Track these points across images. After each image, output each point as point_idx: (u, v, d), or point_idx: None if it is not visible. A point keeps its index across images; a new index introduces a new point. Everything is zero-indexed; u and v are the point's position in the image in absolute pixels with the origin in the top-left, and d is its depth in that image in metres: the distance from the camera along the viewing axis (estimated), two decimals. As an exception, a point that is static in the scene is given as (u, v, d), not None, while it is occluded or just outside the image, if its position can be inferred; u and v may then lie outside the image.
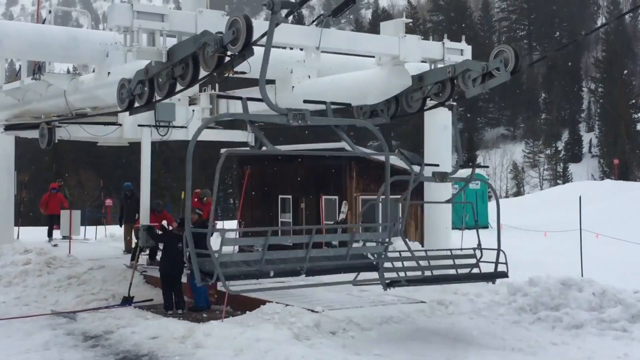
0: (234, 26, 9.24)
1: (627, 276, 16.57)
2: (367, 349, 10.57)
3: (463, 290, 14.61)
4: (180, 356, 10.32)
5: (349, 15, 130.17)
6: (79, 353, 10.79)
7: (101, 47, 13.14)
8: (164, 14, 10.16)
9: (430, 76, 12.29)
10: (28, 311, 13.97)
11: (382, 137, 9.90)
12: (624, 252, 21.77)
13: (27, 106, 16.96)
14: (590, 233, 22.02)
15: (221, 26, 9.64)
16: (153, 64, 10.50)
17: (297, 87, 13.51)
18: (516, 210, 39.92)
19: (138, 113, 12.04)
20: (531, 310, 12.56)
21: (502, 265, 11.79)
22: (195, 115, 17.38)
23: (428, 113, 16.17)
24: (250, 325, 11.52)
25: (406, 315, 12.53)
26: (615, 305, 11.95)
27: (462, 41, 13.14)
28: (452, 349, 10.62)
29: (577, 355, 10.27)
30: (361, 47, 12.45)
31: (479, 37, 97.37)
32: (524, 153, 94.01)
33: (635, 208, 34.05)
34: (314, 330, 11.36)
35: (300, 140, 47.03)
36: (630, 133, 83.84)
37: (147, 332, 11.73)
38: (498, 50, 11.27)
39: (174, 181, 60.78)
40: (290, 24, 12.79)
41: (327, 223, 18.98)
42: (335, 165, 19.43)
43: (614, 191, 41.43)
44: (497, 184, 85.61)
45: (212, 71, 9.68)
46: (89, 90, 14.25)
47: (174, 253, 13.95)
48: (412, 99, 12.55)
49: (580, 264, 15.44)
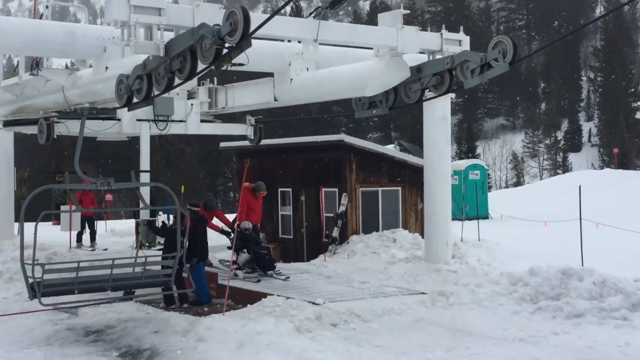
0: (231, 18, 9.22)
1: (627, 265, 16.58)
2: (368, 340, 10.60)
3: (464, 281, 14.64)
4: (182, 350, 10.35)
5: (347, 7, 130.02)
6: (81, 348, 10.81)
7: (99, 42, 13.10)
8: (161, 8, 10.12)
9: (429, 67, 12.26)
10: (29, 307, 13.98)
11: (172, 193, 11.95)
12: (624, 241, 21.78)
13: (26, 102, 16.93)
14: (591, 222, 22.02)
15: (218, 19, 9.62)
16: (151, 59, 10.47)
17: (295, 79, 13.49)
18: (516, 200, 39.95)
19: (137, 108, 12.03)
20: (532, 300, 12.59)
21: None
22: (193, 109, 17.35)
23: (427, 104, 16.17)
24: (251, 319, 11.54)
25: (407, 306, 12.56)
26: (616, 294, 11.97)
27: (461, 32, 13.11)
28: (453, 339, 10.64)
29: (577, 344, 10.29)
30: (359, 39, 12.42)
31: (478, 27, 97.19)
32: (524, 143, 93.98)
33: (635, 197, 34.06)
34: (315, 322, 11.39)
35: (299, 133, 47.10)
36: (630, 122, 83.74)
37: (149, 326, 11.76)
38: (496, 41, 11.24)
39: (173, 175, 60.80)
40: (288, 17, 12.76)
41: (328, 215, 19.00)
42: (335, 157, 19.43)
43: (614, 180, 41.41)
44: (497, 174, 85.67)
45: (210, 64, 9.65)
46: (87, 86, 14.21)
47: (175, 247, 13.96)
48: (411, 90, 12.53)
49: (581, 253, 15.46)
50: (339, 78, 12.76)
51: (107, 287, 11.69)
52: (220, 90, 17.17)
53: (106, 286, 11.66)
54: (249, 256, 15.98)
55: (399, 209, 19.95)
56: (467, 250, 17.46)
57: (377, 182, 19.73)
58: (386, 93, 12.84)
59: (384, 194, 19.77)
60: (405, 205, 20.05)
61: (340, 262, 17.52)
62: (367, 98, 13.29)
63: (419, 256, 17.19)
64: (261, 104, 15.36)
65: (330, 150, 19.74)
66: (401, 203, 20.00)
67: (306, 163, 20.42)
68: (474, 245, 18.53)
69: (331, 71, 13.02)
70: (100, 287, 11.79)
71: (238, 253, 15.87)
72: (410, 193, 20.12)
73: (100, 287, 11.79)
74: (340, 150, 19.35)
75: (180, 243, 11.98)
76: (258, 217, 16.80)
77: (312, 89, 13.55)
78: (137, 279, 12.03)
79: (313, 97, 14.34)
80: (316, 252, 18.79)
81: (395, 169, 20.02)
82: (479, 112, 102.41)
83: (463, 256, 17.00)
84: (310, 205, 19.86)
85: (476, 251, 17.60)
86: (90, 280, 11.79)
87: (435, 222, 16.80)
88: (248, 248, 15.93)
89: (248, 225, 15.92)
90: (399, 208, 19.95)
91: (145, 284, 12.41)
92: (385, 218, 19.65)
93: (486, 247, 18.48)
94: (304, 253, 19.81)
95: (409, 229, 19.59)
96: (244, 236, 15.80)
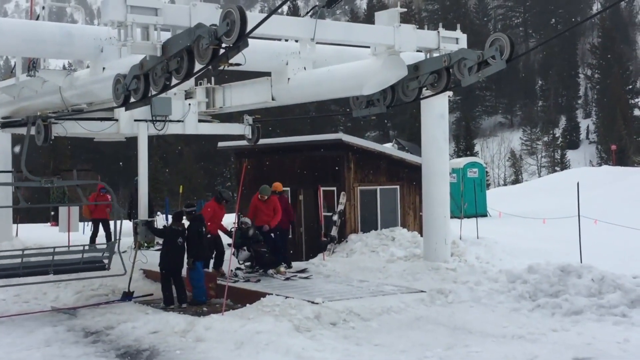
0: (228, 18, 9.21)
1: (625, 261, 16.59)
2: (367, 339, 10.59)
3: (462, 279, 14.64)
4: (181, 350, 10.34)
5: (344, 6, 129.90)
6: (80, 349, 10.79)
7: (95, 43, 13.09)
8: (157, 8, 10.11)
9: (426, 65, 12.25)
10: (28, 308, 13.98)
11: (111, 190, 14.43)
12: (622, 237, 21.79)
13: (23, 103, 16.91)
14: (589, 219, 22.04)
15: (215, 19, 9.61)
16: (148, 59, 10.47)
17: (292, 78, 13.49)
18: (515, 198, 39.97)
19: (134, 108, 12.02)
20: (531, 297, 12.59)
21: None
22: (191, 108, 17.34)
23: (425, 102, 16.16)
24: (250, 318, 11.54)
25: (406, 304, 12.55)
26: (614, 290, 11.97)
27: (458, 30, 13.11)
28: (452, 337, 10.64)
29: (577, 341, 10.29)
30: (356, 38, 12.41)
31: (475, 25, 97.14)
32: (522, 140, 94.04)
33: (633, 193, 34.06)
34: (314, 321, 11.38)
35: (297, 132, 47.09)
36: (627, 118, 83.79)
37: (148, 326, 11.75)
38: (493, 38, 11.22)
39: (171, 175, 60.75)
40: (285, 16, 12.76)
41: (326, 215, 18.99)
42: (333, 156, 19.42)
43: (612, 177, 41.40)
44: (495, 172, 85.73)
45: (207, 64, 9.65)
46: (84, 86, 14.21)
47: (173, 248, 13.99)
48: (408, 88, 12.53)
49: (579, 250, 15.46)
50: (337, 77, 12.75)
51: (49, 271, 13.66)
52: (218, 90, 17.15)
53: (49, 270, 13.65)
54: (249, 254, 15.98)
55: (398, 207, 19.96)
56: (466, 248, 17.46)
57: (376, 180, 19.72)
58: (384, 91, 12.84)
59: (383, 192, 19.77)
60: (403, 204, 20.06)
61: (339, 261, 17.51)
62: (365, 97, 13.29)
63: (417, 254, 17.19)
64: (259, 104, 15.35)
65: (329, 149, 19.74)
66: (400, 201, 20.00)
67: (304, 162, 20.42)
68: (472, 243, 18.54)
69: (328, 70, 13.02)
70: (43, 272, 13.69)
71: (238, 250, 15.86)
72: (408, 191, 20.13)
73: (43, 272, 13.69)
74: (338, 149, 19.35)
75: (115, 234, 14.37)
76: (269, 218, 16.52)
77: (309, 88, 13.55)
78: (76, 264, 14.10)
79: (311, 96, 14.33)
80: (315, 251, 18.79)
81: (393, 167, 20.02)
82: (477, 110, 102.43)
83: (462, 254, 17.00)
84: (309, 204, 19.85)
85: (475, 249, 17.61)
86: (34, 265, 13.80)
87: (434, 220, 16.80)
88: (248, 246, 15.93)
89: (248, 221, 15.93)
90: (398, 206, 19.96)
91: (84, 268, 14.32)
92: (384, 216, 19.66)
93: (485, 244, 18.49)
94: (303, 252, 19.81)
95: (407, 227, 19.60)
96: (244, 233, 15.79)
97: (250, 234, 15.83)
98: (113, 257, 14.25)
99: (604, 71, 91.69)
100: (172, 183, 57.18)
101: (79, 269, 14.28)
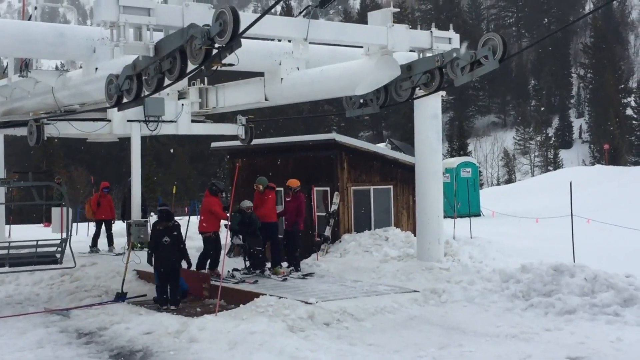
0: (221, 18, 9.19)
1: (618, 261, 16.65)
2: (361, 339, 10.60)
3: (456, 278, 14.66)
4: (175, 351, 10.32)
5: (337, 6, 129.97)
6: (73, 350, 10.76)
7: (88, 43, 13.03)
8: (150, 8, 10.07)
9: (419, 65, 12.24)
10: (21, 309, 13.94)
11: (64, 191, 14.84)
12: (615, 236, 21.88)
13: (15, 104, 16.85)
14: (582, 218, 22.10)
15: (208, 19, 9.59)
16: (140, 59, 10.44)
17: (285, 78, 13.47)
18: (508, 197, 40.09)
19: (127, 109, 11.98)
20: (524, 296, 12.62)
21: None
22: (184, 109, 17.31)
23: (418, 102, 16.17)
24: (244, 319, 11.52)
25: (400, 304, 12.56)
26: (607, 289, 12.01)
27: (450, 29, 13.12)
28: (446, 337, 10.65)
29: (570, 340, 10.32)
30: (349, 38, 12.40)
31: (468, 25, 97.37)
32: (515, 140, 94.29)
33: (625, 193, 34.21)
34: (308, 322, 11.38)
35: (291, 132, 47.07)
36: (620, 118, 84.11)
37: (141, 327, 11.72)
38: (486, 38, 11.23)
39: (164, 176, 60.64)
40: (278, 16, 12.74)
41: (320, 215, 18.99)
42: (326, 156, 19.42)
43: (605, 176, 41.58)
44: (488, 172, 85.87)
45: (200, 64, 9.62)
46: (77, 87, 14.15)
47: (163, 248, 13.87)
48: (401, 88, 12.51)
49: (572, 249, 15.50)
50: (330, 77, 12.74)
51: (5, 264, 14.98)
52: (211, 90, 17.12)
53: (5, 263, 14.97)
54: (243, 244, 15.94)
55: (391, 207, 19.97)
56: (459, 248, 17.48)
57: (369, 180, 19.73)
58: (377, 91, 12.82)
59: (376, 192, 19.79)
60: (397, 204, 20.07)
61: (332, 261, 17.51)
62: (358, 97, 13.28)
63: (411, 254, 17.20)
64: (252, 104, 15.32)
65: (322, 149, 19.73)
66: (393, 201, 20.02)
67: (298, 162, 20.40)
68: (466, 243, 18.56)
69: (322, 70, 13.00)
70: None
71: (233, 236, 15.85)
72: (402, 191, 20.15)
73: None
74: (331, 149, 19.34)
75: (68, 229, 15.29)
76: (267, 211, 16.58)
77: (302, 88, 13.53)
78: (30, 257, 15.40)
79: (304, 96, 14.31)
80: (309, 251, 18.78)
81: (386, 167, 20.03)
82: (470, 110, 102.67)
83: (455, 254, 17.02)
84: (302, 204, 19.80)
85: (468, 248, 17.63)
86: None
87: (427, 220, 16.81)
88: (244, 234, 15.82)
89: (248, 204, 15.95)
90: (391, 206, 19.97)
91: (38, 262, 15.48)
92: (377, 216, 19.66)
93: (478, 244, 18.51)
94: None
95: (401, 227, 19.61)
96: (242, 219, 15.73)
97: (251, 219, 15.81)
98: (65, 251, 15.28)
99: (596, 71, 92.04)
100: (166, 184, 57.12)
101: (33, 262, 15.41)
